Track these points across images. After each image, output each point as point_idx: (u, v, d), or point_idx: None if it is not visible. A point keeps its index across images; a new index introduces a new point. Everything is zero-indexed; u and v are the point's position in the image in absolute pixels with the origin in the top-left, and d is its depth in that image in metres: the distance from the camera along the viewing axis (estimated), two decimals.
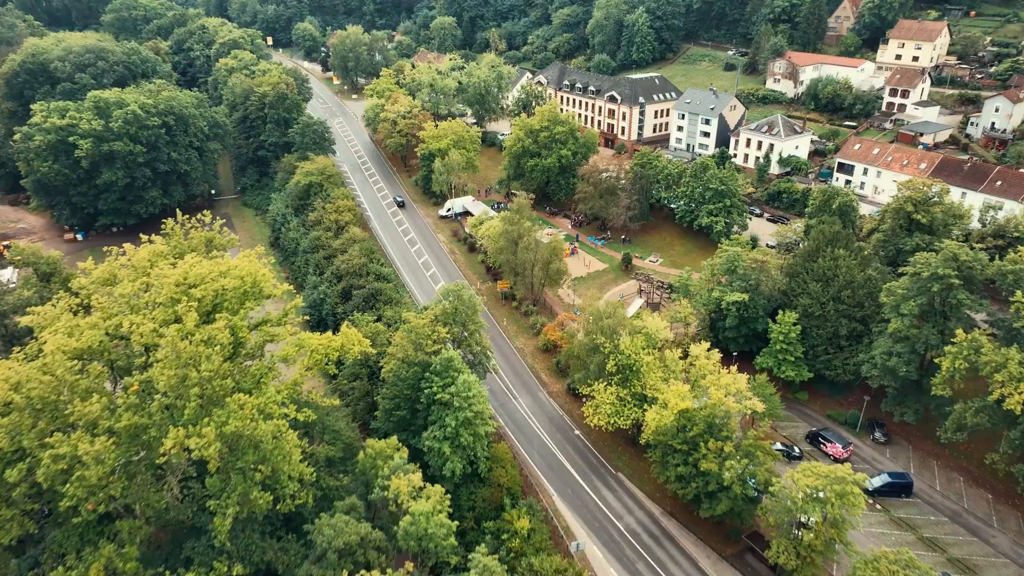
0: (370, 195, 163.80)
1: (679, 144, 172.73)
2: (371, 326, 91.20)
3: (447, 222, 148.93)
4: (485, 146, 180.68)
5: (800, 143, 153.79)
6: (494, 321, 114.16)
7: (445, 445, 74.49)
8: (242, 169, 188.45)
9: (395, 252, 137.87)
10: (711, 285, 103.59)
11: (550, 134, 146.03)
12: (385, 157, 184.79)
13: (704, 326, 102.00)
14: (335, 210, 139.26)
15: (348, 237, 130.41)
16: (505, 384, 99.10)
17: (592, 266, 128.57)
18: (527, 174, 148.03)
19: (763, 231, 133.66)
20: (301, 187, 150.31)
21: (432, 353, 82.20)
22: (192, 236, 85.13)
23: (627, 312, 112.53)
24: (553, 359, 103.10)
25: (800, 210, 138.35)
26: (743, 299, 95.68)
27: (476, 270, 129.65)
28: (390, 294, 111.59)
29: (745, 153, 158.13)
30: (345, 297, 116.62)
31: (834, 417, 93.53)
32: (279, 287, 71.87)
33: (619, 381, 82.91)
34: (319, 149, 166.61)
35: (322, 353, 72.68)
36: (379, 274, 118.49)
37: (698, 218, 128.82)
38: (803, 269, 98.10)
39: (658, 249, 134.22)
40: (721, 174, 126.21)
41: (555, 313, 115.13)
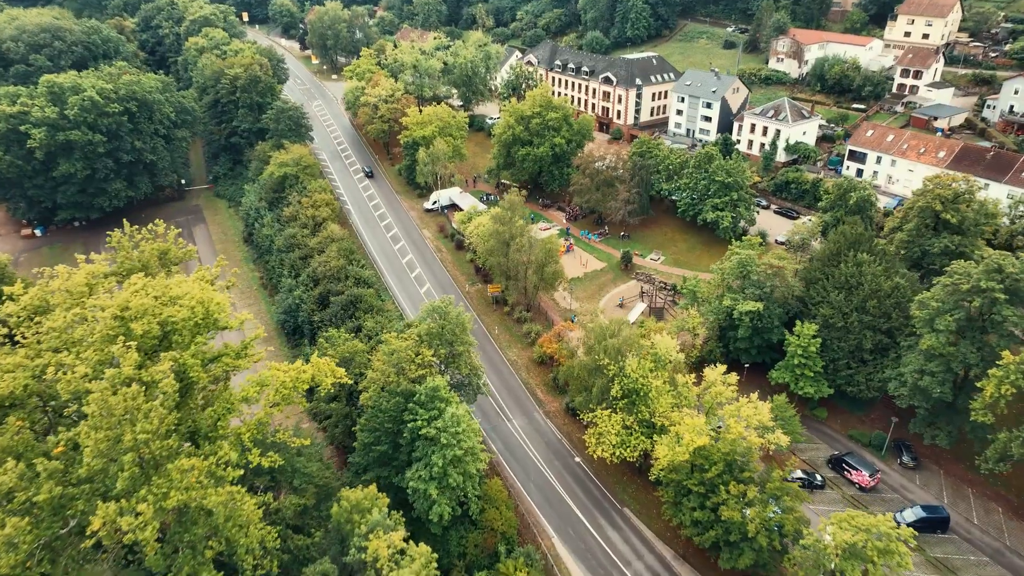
0: (350, 186, 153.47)
1: (678, 129, 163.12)
2: (348, 344, 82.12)
3: (433, 216, 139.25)
4: (472, 131, 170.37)
5: (808, 129, 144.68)
6: (484, 329, 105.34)
7: (431, 486, 66.10)
8: (214, 157, 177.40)
9: (377, 250, 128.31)
10: (720, 291, 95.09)
11: (542, 121, 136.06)
12: (366, 143, 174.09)
13: (713, 336, 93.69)
14: (312, 205, 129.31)
15: (326, 235, 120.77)
16: (497, 403, 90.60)
17: (589, 265, 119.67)
18: (518, 164, 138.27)
19: (771, 225, 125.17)
20: (275, 179, 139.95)
21: (416, 379, 73.49)
22: (142, 249, 75.07)
23: (629, 317, 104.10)
24: (549, 374, 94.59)
25: (810, 202, 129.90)
26: (757, 309, 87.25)
27: (464, 270, 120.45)
28: (371, 301, 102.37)
29: (749, 139, 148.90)
30: (322, 303, 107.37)
31: (856, 438, 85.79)
32: (237, 316, 62.31)
33: (624, 407, 74.59)
34: (295, 136, 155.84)
35: (289, 387, 63.86)
36: (359, 278, 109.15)
37: (702, 212, 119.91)
38: (823, 275, 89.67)
39: (659, 246, 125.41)
40: (728, 165, 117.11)
41: (550, 319, 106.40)
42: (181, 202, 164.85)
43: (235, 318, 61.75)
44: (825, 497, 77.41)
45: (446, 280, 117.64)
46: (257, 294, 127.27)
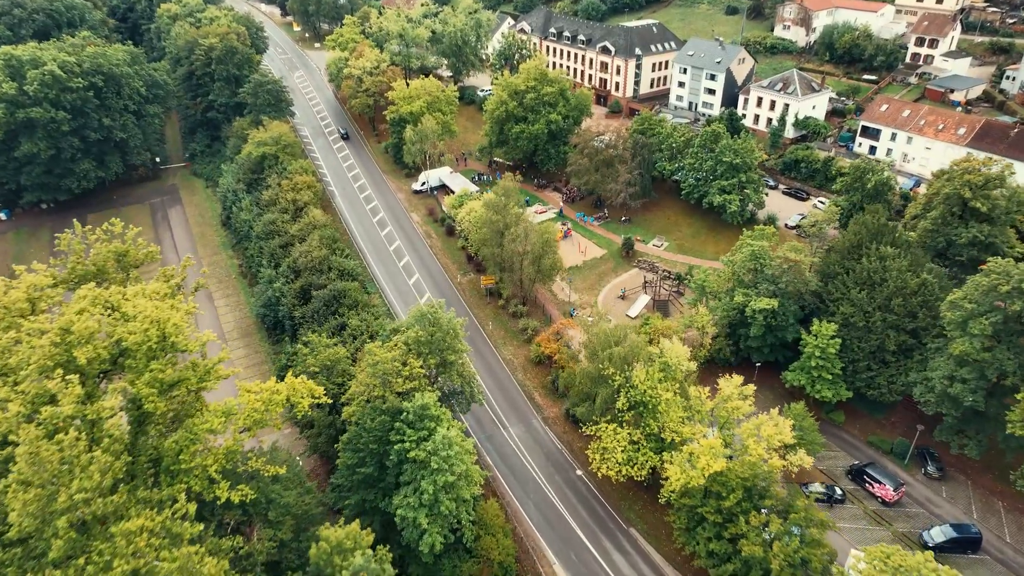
0: (334, 165, 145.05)
1: (680, 102, 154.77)
2: (329, 351, 75.30)
3: (422, 198, 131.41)
4: (463, 103, 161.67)
5: (817, 103, 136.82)
6: (478, 324, 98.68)
7: (421, 514, 60.17)
8: (191, 132, 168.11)
9: (363, 237, 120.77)
10: (730, 284, 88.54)
11: (537, 96, 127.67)
12: (351, 118, 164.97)
13: (723, 333, 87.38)
14: (292, 188, 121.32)
15: (307, 222, 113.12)
16: (493, 408, 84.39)
17: (589, 252, 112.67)
18: (511, 142, 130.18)
19: (779, 206, 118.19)
20: (253, 159, 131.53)
21: (404, 394, 67.02)
22: (97, 251, 67.59)
23: (630, 312, 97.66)
24: (547, 375, 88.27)
25: (820, 182, 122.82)
26: (772, 307, 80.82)
27: (456, 258, 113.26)
28: (355, 296, 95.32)
29: (756, 114, 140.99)
30: (304, 298, 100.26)
31: (877, 445, 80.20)
32: (198, 336, 55.23)
33: (631, 419, 68.52)
34: (275, 112, 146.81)
35: (261, 411, 57.38)
36: (343, 269, 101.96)
37: (708, 195, 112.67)
38: (842, 269, 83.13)
39: (662, 230, 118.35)
40: (736, 144, 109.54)
41: (548, 313, 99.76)
42: (156, 182, 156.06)
43: (196, 339, 54.45)
44: (846, 512, 72.00)
45: (436, 270, 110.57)
46: (236, 283, 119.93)
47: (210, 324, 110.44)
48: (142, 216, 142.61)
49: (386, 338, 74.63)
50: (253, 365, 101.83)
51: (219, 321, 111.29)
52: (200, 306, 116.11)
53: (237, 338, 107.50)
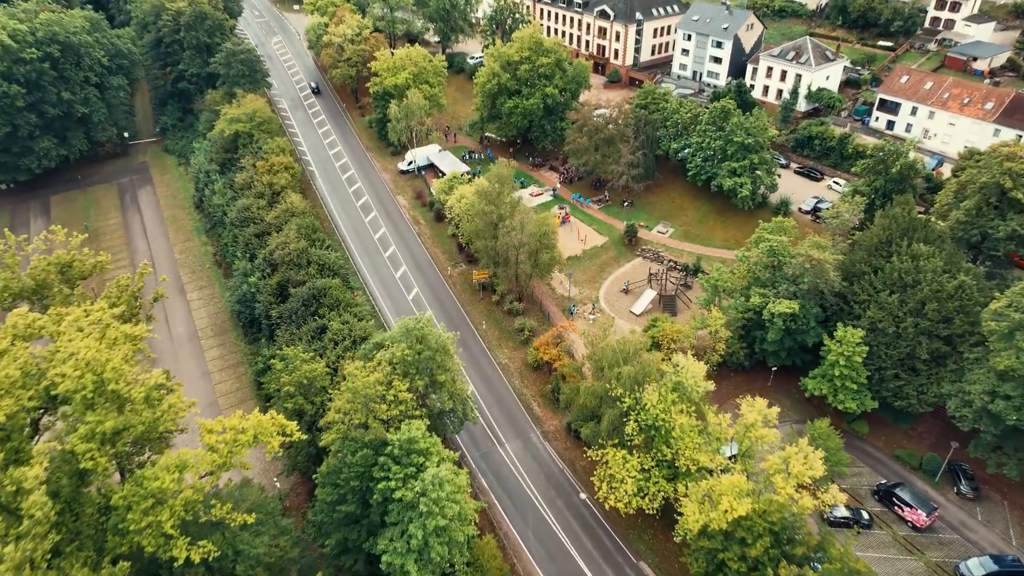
0: (314, 142, 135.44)
1: (683, 71, 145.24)
2: (306, 367, 67.74)
3: (409, 179, 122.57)
4: (452, 72, 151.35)
5: (831, 73, 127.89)
6: (470, 323, 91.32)
7: (410, 561, 53.74)
8: (162, 104, 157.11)
9: (345, 223, 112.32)
10: (745, 281, 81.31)
11: (532, 67, 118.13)
12: (333, 89, 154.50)
13: (736, 334, 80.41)
14: (268, 170, 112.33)
15: (284, 208, 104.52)
16: (487, 420, 77.61)
17: (589, 240, 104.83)
18: (504, 117, 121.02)
19: (791, 187, 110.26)
20: (226, 138, 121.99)
21: (388, 422, 59.94)
22: (36, 265, 59.49)
23: (634, 308, 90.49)
24: (547, 383, 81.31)
25: (836, 160, 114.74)
26: (792, 310, 73.73)
27: (446, 247, 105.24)
28: (337, 295, 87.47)
29: (765, 85, 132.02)
30: (281, 295, 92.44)
31: (904, 459, 74.09)
32: (145, 380, 47.53)
33: (641, 443, 61.88)
34: (250, 84, 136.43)
35: (225, 453, 50.40)
36: (324, 263, 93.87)
37: (717, 178, 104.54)
38: (869, 268, 75.90)
39: (667, 215, 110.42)
40: (748, 123, 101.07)
41: (546, 310, 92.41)
42: (125, 159, 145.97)
43: (143, 382, 46.78)
44: (874, 540, 66.12)
45: (425, 261, 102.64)
46: (210, 274, 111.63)
47: (182, 320, 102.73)
48: (109, 197, 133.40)
49: (368, 354, 67.15)
50: (228, 367, 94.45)
51: (192, 316, 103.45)
52: (172, 299, 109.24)
53: (211, 336, 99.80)
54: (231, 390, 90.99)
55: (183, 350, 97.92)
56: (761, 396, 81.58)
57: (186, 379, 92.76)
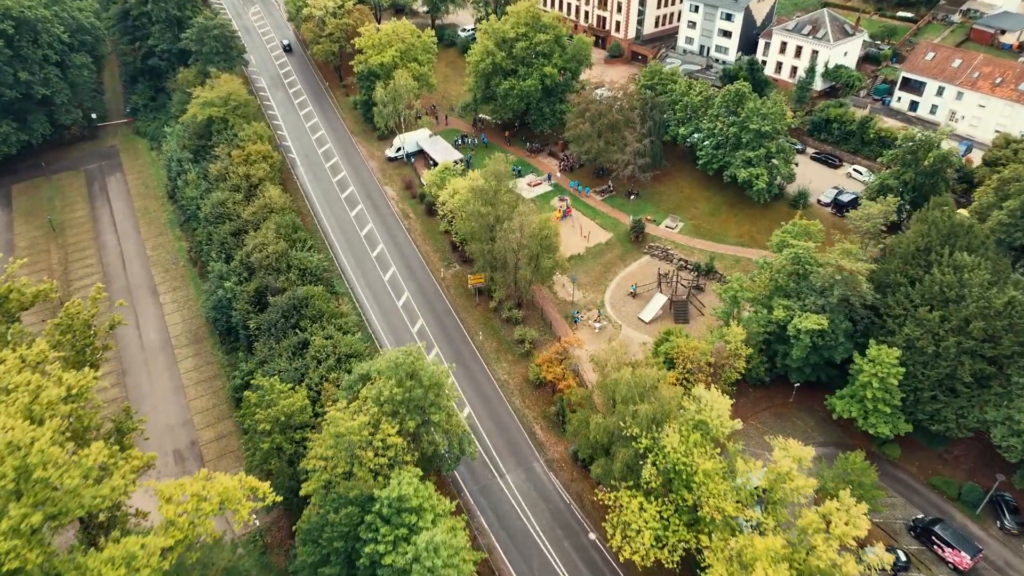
0: (295, 125, 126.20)
1: (689, 45, 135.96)
2: (285, 402, 60.58)
3: (397, 167, 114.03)
4: (442, 46, 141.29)
5: (850, 48, 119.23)
6: (465, 332, 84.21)
7: None
8: (133, 81, 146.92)
9: (330, 218, 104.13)
10: (766, 290, 74.25)
11: (529, 44, 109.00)
12: (315, 66, 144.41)
13: (757, 348, 73.67)
14: (245, 160, 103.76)
15: (263, 204, 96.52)
16: (486, 447, 71.02)
17: (592, 236, 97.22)
18: (499, 99, 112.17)
19: (808, 175, 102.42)
20: (199, 123, 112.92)
21: (376, 471, 53.16)
22: None
23: (643, 316, 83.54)
24: (550, 404, 74.59)
25: (856, 145, 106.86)
26: (821, 326, 66.89)
27: (438, 245, 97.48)
28: (320, 305, 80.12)
29: (778, 61, 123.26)
30: (259, 303, 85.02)
31: (941, 489, 68.12)
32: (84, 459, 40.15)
33: (659, 486, 55.48)
34: (224, 62, 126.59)
35: (186, 526, 43.65)
36: (305, 267, 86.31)
37: (730, 167, 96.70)
38: (905, 279, 68.89)
39: (676, 207, 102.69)
40: (765, 109, 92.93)
41: (547, 316, 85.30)
42: (93, 142, 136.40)
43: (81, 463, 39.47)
44: None
45: (416, 261, 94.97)
46: (185, 273, 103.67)
47: (154, 325, 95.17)
48: (76, 185, 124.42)
49: (352, 387, 60.00)
50: (204, 380, 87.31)
51: (165, 322, 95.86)
52: (143, 302, 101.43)
53: (186, 344, 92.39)
54: (207, 406, 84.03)
55: (155, 360, 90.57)
56: (782, 414, 76.56)
57: (158, 394, 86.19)
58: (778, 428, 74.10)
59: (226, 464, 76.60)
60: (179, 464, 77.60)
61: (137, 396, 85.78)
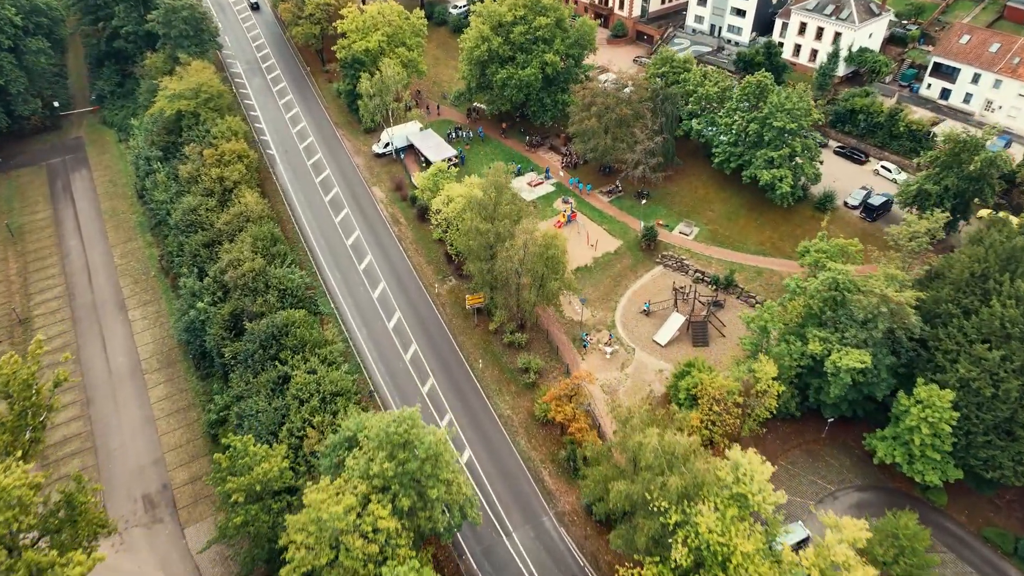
0: (274, 117, 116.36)
1: (699, 24, 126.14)
2: (260, 468, 52.95)
3: (385, 164, 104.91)
4: (432, 24, 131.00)
5: (875, 30, 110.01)
6: (463, 358, 76.53)
7: None
8: (98, 64, 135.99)
9: (312, 225, 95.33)
10: (798, 316, 66.66)
11: (528, 28, 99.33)
12: (295, 49, 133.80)
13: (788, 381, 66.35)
14: (218, 160, 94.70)
15: (238, 211, 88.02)
16: (488, 499, 63.83)
17: (600, 244, 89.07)
18: (496, 89, 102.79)
19: (833, 173, 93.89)
20: (168, 118, 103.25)
21: (366, 559, 45.81)
22: None
23: (658, 338, 76.13)
24: (559, 446, 67.31)
25: (883, 139, 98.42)
26: (864, 364, 59.54)
27: (431, 255, 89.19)
28: (302, 334, 72.28)
29: (797, 44, 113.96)
30: (235, 327, 77.08)
31: (994, 542, 61.66)
32: None
33: (690, 565, 48.48)
34: (195, 46, 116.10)
35: None
36: (285, 288, 78.12)
37: (750, 168, 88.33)
38: (958, 310, 61.35)
39: (689, 210, 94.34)
40: (790, 104, 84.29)
41: (552, 340, 77.61)
42: (56, 133, 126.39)
43: None
44: None
45: (407, 274, 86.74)
46: (156, 284, 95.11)
47: (123, 346, 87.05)
48: (37, 184, 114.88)
49: (335, 453, 52.35)
50: (178, 411, 79.56)
51: (134, 342, 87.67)
52: (111, 318, 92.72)
53: (157, 368, 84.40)
54: (180, 442, 76.43)
55: (123, 387, 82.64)
56: (814, 451, 69.55)
57: (127, 427, 78.38)
58: (810, 469, 67.42)
59: (201, 511, 69.35)
60: (149, 512, 70.25)
61: (103, 429, 78.08)
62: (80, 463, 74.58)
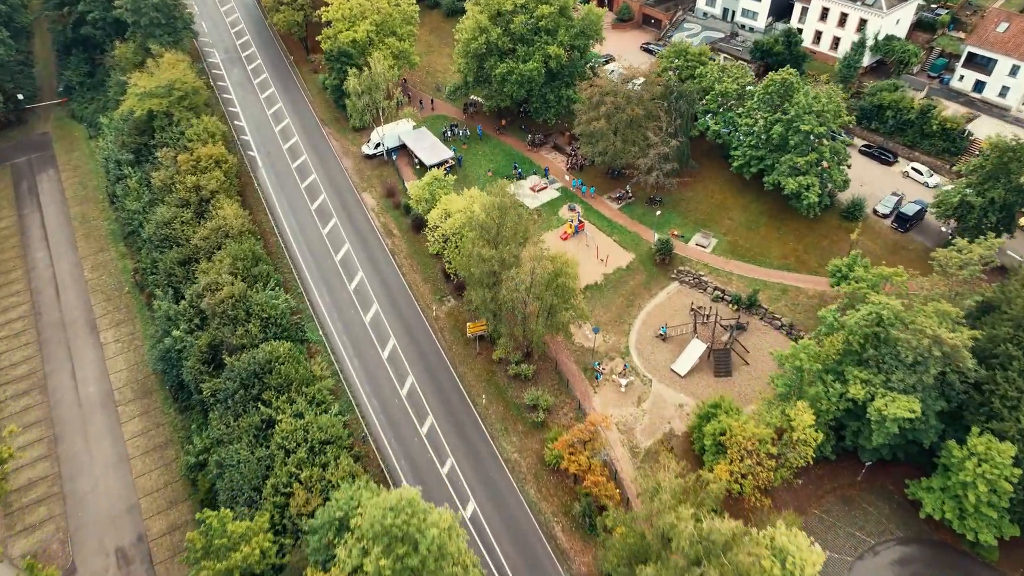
0: (256, 113, 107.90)
1: (711, 8, 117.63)
2: (235, 556, 46.59)
3: (376, 166, 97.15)
4: (424, 7, 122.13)
5: (903, 15, 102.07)
6: (463, 392, 70.03)
7: None
8: (66, 51, 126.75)
9: (297, 237, 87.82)
10: (835, 353, 60.20)
11: (529, 18, 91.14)
12: (277, 36, 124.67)
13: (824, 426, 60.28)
14: (194, 167, 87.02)
15: (216, 226, 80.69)
16: (496, 560, 57.88)
17: (611, 258, 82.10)
18: (495, 85, 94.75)
19: (860, 176, 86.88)
20: (139, 118, 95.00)
21: None
22: None
23: (678, 368, 69.90)
24: (573, 496, 61.21)
25: (914, 139, 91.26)
26: (914, 414, 53.38)
27: (427, 271, 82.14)
28: (288, 371, 65.64)
29: (817, 30, 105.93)
30: (214, 361, 70.33)
31: None
32: None
33: None
34: (168, 36, 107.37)
35: None
36: (269, 316, 71.21)
37: (773, 173, 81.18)
38: (1019, 353, 55.04)
39: (706, 219, 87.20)
40: (819, 106, 76.92)
41: (562, 371, 71.06)
42: (21, 128, 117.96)
43: None
44: None
45: (402, 293, 79.74)
46: (131, 302, 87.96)
47: (94, 373, 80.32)
48: (1, 185, 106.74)
49: (323, 536, 46.00)
50: (154, 449, 73.16)
51: (106, 368, 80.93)
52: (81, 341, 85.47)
53: (131, 399, 77.76)
54: (157, 485, 70.18)
55: (94, 420, 76.09)
56: (850, 498, 63.52)
57: (98, 467, 71.86)
58: (847, 518, 61.60)
59: (180, 570, 63.28)
60: (123, 568, 64.20)
61: (72, 471, 71.63)
62: (47, 511, 68.34)
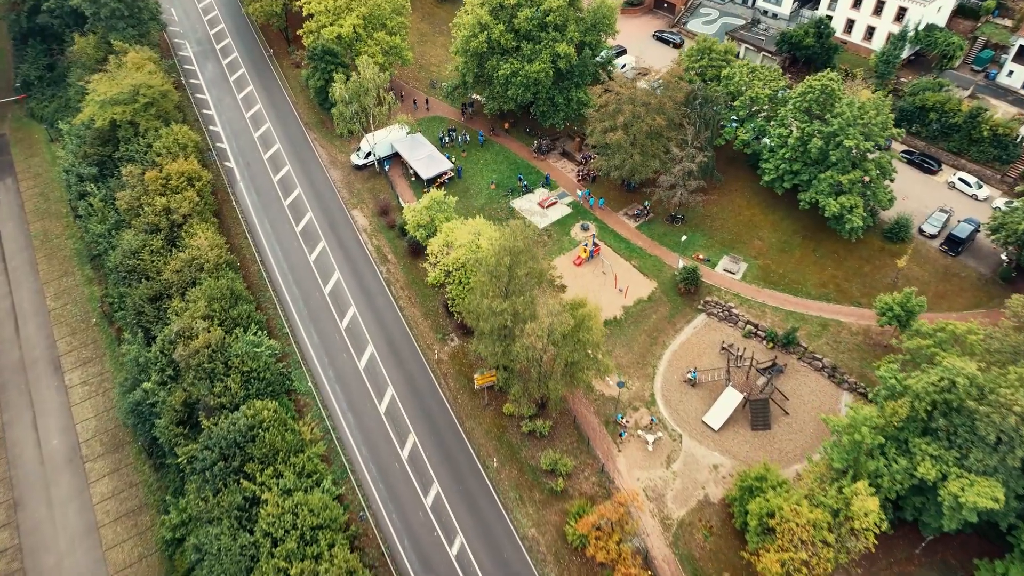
0: (233, 118, 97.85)
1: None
2: None
3: (367, 178, 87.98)
4: None
5: (944, 2, 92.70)
6: (471, 452, 62.44)
7: None
8: (23, 41, 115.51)
9: (281, 266, 78.93)
10: (897, 420, 52.74)
11: (535, 12, 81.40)
12: (255, 27, 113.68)
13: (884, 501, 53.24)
14: (163, 186, 77.90)
15: (189, 257, 72.06)
16: None
17: (631, 288, 73.99)
18: (497, 87, 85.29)
19: (903, 189, 78.76)
20: (101, 128, 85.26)
21: None
22: None
23: (711, 421, 62.65)
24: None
25: (961, 145, 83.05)
26: (997, 503, 46.32)
27: (427, 306, 73.88)
28: (273, 439, 57.91)
29: (849, 19, 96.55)
30: (189, 422, 62.42)
31: None
32: None
33: None
34: (131, 29, 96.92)
35: None
36: (251, 370, 63.12)
37: (810, 192, 72.83)
38: None
39: (734, 238, 78.96)
40: (866, 116, 68.31)
41: (581, 426, 63.56)
42: None
43: None
44: None
45: (400, 333, 71.47)
46: (99, 336, 79.56)
47: (57, 423, 72.40)
48: None
49: None
50: (127, 514, 65.60)
51: (72, 416, 72.87)
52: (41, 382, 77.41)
53: (101, 454, 69.98)
54: (130, 559, 62.84)
55: (59, 481, 68.33)
56: (907, 574, 57.26)
57: (64, 539, 64.24)
58: None
59: None
60: None
61: (35, 544, 64.06)
62: None
